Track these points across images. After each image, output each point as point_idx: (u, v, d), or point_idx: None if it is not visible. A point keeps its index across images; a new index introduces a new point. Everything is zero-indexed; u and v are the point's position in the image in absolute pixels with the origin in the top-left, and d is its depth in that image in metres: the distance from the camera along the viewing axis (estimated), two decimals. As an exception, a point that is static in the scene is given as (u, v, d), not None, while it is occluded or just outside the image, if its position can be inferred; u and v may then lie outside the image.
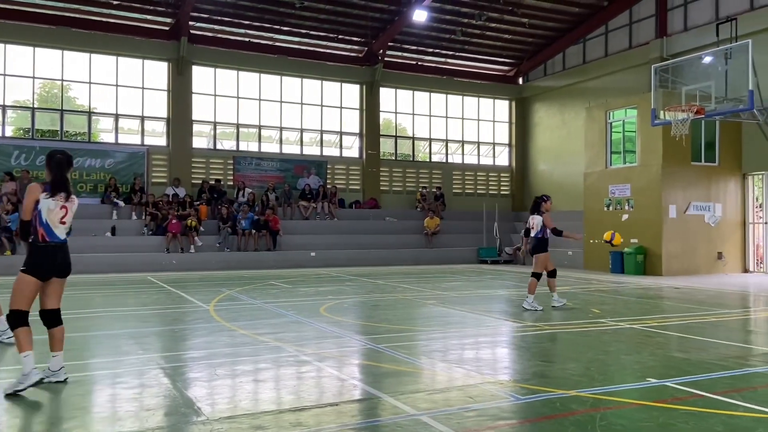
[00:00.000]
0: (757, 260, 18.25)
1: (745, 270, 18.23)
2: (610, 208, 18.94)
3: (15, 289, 5.18)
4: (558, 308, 10.12)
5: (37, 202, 5.18)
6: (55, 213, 5.21)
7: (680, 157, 17.38)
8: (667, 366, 6.11)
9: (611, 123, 19.40)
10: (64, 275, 5.35)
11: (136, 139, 21.28)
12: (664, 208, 17.25)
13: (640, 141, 18.11)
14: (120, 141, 21.03)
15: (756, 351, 7.05)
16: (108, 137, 21.15)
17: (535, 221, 10.33)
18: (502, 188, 26.75)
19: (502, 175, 26.81)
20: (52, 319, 5.35)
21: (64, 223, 5.28)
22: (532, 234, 10.37)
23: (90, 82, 20.57)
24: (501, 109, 26.90)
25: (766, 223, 18.01)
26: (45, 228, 5.18)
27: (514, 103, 26.76)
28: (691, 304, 10.87)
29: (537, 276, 10.20)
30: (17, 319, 5.14)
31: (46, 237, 5.19)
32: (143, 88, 21.22)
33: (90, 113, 20.73)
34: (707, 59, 14.75)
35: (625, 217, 18.37)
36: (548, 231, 10.24)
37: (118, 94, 20.89)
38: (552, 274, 10.42)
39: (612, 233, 11.38)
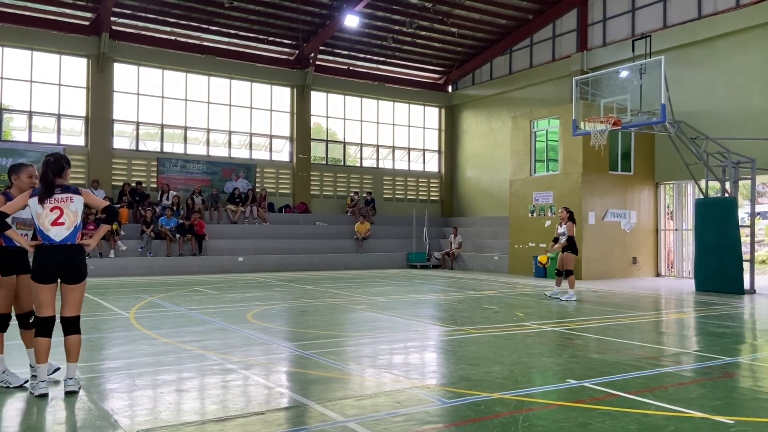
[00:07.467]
0: (668, 265, 19.31)
1: (657, 274, 19.24)
2: (534, 214, 19.57)
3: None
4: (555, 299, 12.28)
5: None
6: (45, 216, 5.09)
7: (599, 166, 18.19)
8: (585, 367, 6.35)
9: (535, 132, 20.07)
10: (66, 279, 5.16)
11: (51, 138, 20.19)
12: (583, 215, 17.97)
13: (562, 150, 18.81)
14: (34, 140, 19.90)
15: (667, 352, 7.44)
16: (21, 135, 20.00)
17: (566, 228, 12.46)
18: (431, 194, 27.13)
19: (431, 181, 27.20)
20: (65, 327, 5.24)
21: (61, 224, 5.11)
22: (564, 239, 12.41)
23: (2, 77, 19.40)
24: (431, 116, 27.32)
25: (676, 230, 19.09)
26: (39, 232, 5.16)
27: (443, 111, 27.25)
28: (608, 307, 11.37)
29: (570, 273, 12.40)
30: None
31: (41, 240, 5.15)
32: (60, 84, 20.21)
33: (1, 110, 19.53)
34: (624, 73, 15.45)
35: (547, 223, 19.02)
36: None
37: (33, 91, 19.81)
38: (569, 273, 12.41)
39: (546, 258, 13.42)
